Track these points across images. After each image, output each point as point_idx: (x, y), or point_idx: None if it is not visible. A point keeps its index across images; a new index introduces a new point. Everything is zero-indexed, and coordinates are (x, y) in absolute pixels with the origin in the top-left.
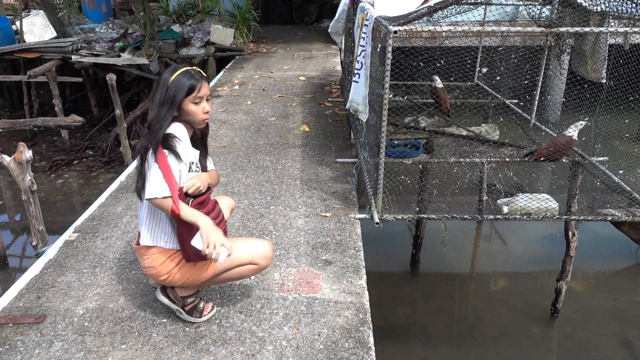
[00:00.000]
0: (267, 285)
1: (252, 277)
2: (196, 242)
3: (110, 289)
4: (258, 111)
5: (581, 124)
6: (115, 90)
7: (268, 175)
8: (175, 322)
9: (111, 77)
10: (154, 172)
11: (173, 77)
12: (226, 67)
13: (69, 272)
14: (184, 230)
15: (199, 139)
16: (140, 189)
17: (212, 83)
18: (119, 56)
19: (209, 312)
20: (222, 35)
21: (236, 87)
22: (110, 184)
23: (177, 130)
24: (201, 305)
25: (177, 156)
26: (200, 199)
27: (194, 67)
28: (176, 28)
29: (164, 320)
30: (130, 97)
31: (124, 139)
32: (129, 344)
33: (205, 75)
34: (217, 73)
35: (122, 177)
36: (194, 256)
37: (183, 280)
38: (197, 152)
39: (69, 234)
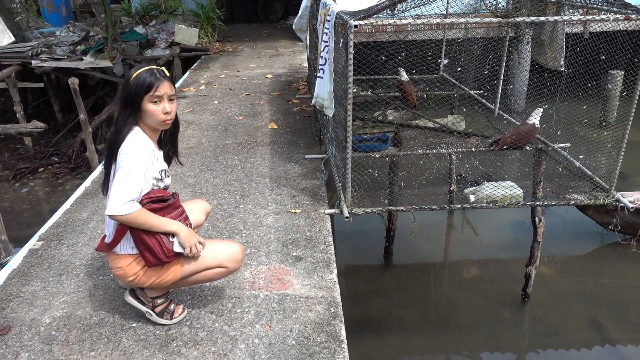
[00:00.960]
0: (238, 284)
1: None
2: (177, 247)
3: (77, 296)
4: (225, 110)
5: (540, 111)
6: (79, 95)
7: (237, 174)
8: (145, 325)
9: (74, 82)
10: (119, 187)
11: (134, 75)
12: (192, 67)
13: (34, 281)
14: (144, 235)
15: (168, 138)
16: (106, 188)
17: (178, 83)
18: (81, 59)
19: (179, 315)
20: (187, 35)
21: (202, 87)
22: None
23: (139, 139)
24: (172, 307)
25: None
26: (167, 204)
27: (160, 67)
28: (139, 29)
29: (134, 324)
30: (94, 101)
31: (90, 144)
32: (98, 350)
33: (168, 75)
34: (183, 73)
35: (88, 182)
36: (153, 261)
37: (150, 282)
38: (161, 156)
39: (33, 243)
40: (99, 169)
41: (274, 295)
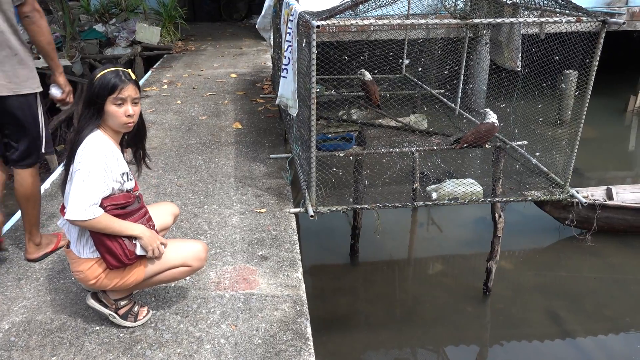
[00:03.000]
0: (203, 284)
1: (188, 278)
2: (140, 250)
3: (37, 300)
4: (189, 110)
5: (488, 110)
6: None
7: (201, 174)
8: (108, 328)
9: None
10: (80, 191)
11: (99, 75)
12: (154, 66)
13: None
14: (105, 238)
15: (132, 140)
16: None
17: (140, 83)
18: (39, 58)
19: (144, 317)
20: (148, 33)
21: (165, 86)
22: None
23: (98, 141)
24: (136, 308)
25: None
26: (130, 210)
27: (126, 70)
28: (99, 27)
29: (97, 328)
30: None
31: None
32: (60, 355)
33: (134, 77)
34: (145, 73)
35: (47, 184)
36: (115, 264)
37: (113, 285)
38: (122, 159)
39: None
40: (58, 170)
41: (239, 295)
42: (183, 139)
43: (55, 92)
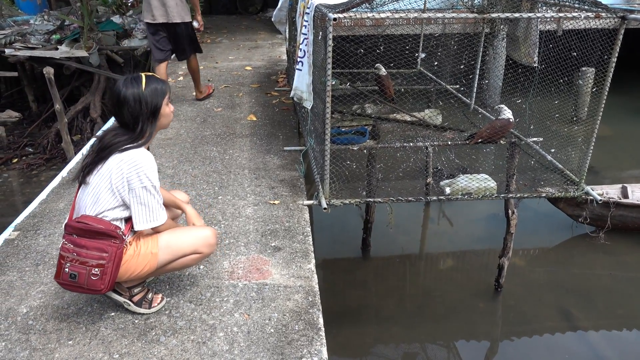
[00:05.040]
0: (217, 273)
1: (201, 267)
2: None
3: (54, 286)
4: (204, 102)
5: (502, 106)
6: (54, 85)
7: (215, 165)
8: (124, 314)
9: (49, 71)
10: (150, 202)
11: (146, 89)
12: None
13: (10, 271)
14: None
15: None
16: (88, 166)
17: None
18: (57, 49)
19: (158, 304)
20: None
21: (181, 78)
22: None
23: (153, 160)
24: (150, 295)
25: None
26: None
27: (146, 73)
28: (116, 19)
29: (112, 314)
30: (70, 91)
31: (66, 135)
32: (77, 339)
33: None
34: None
35: (64, 172)
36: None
37: (127, 275)
38: None
39: (8, 233)
40: (76, 159)
41: (252, 285)
42: (198, 130)
43: (195, 24)
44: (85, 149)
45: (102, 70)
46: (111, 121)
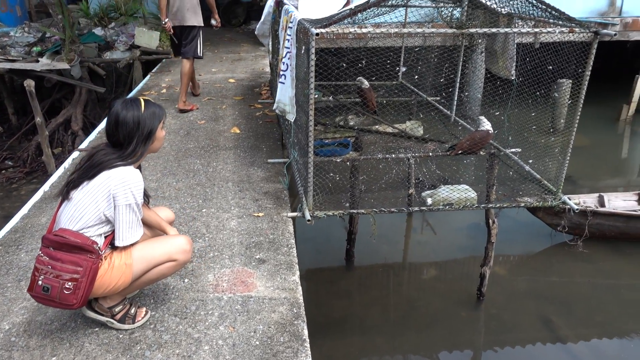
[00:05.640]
0: (202, 287)
1: (186, 280)
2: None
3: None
4: (187, 115)
5: (483, 117)
6: (35, 97)
7: (199, 178)
8: (108, 329)
9: (29, 84)
10: (133, 219)
11: (145, 111)
12: (153, 70)
13: None
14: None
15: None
16: (73, 181)
17: (139, 87)
18: (37, 61)
19: (142, 318)
20: (147, 38)
21: (164, 90)
22: (33, 195)
23: (140, 178)
24: (132, 310)
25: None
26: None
27: (137, 97)
28: (98, 31)
29: (96, 329)
30: (51, 103)
31: (46, 148)
32: (60, 355)
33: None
34: (144, 77)
35: (46, 186)
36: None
37: (102, 291)
38: None
39: None
40: (58, 173)
41: (237, 297)
42: (182, 143)
43: (213, 22)
44: (67, 163)
45: (83, 83)
46: (94, 134)
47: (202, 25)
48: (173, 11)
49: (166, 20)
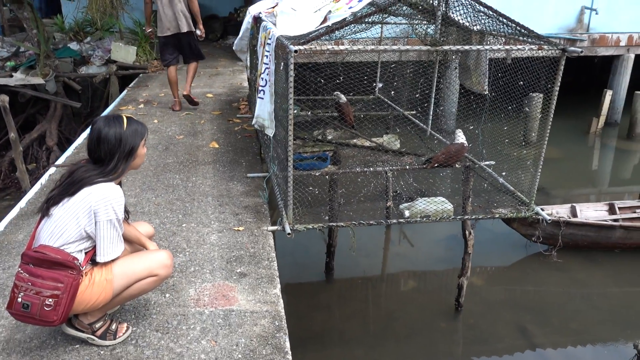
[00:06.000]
0: (183, 301)
1: (167, 295)
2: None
3: (16, 319)
4: (165, 129)
5: (460, 131)
6: (9, 112)
7: (179, 193)
8: (89, 346)
9: (3, 99)
10: (113, 235)
11: (127, 129)
12: (130, 85)
13: None
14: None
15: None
16: (53, 198)
17: (116, 102)
18: (11, 76)
19: (124, 333)
20: (124, 52)
21: (141, 105)
22: (8, 212)
23: (121, 194)
24: (113, 326)
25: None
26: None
27: (120, 114)
28: (74, 46)
29: (77, 345)
30: (25, 118)
31: (20, 164)
32: None
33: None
34: (121, 92)
35: (22, 203)
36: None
37: (82, 307)
38: None
39: None
40: (35, 189)
41: (219, 311)
42: (160, 158)
43: (198, 32)
44: (44, 179)
45: (59, 98)
46: (70, 150)
47: (194, 30)
48: (165, 21)
49: (149, 30)
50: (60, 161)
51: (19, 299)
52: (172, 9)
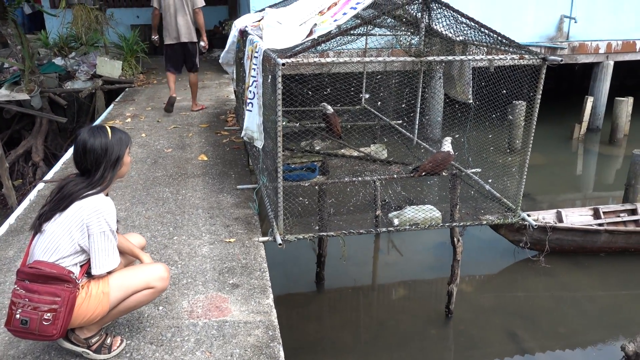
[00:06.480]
0: (177, 314)
1: (160, 308)
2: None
3: (8, 336)
4: (154, 143)
5: (449, 139)
6: None
7: (169, 206)
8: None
9: None
10: (108, 247)
11: (112, 138)
12: (116, 100)
13: None
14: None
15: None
16: (45, 214)
17: (103, 116)
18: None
19: (118, 347)
20: (109, 67)
21: (128, 119)
22: None
23: (112, 206)
24: (108, 340)
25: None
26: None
27: (103, 125)
28: (58, 61)
29: None
30: (10, 134)
31: (6, 180)
32: None
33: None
34: (107, 106)
35: (11, 219)
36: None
37: (79, 320)
38: None
39: None
40: (24, 205)
41: (212, 323)
42: (149, 171)
43: (202, 43)
44: (32, 195)
45: (44, 113)
46: (58, 165)
47: (197, 41)
48: (170, 29)
49: (155, 37)
50: (48, 177)
51: (17, 316)
52: (178, 20)
